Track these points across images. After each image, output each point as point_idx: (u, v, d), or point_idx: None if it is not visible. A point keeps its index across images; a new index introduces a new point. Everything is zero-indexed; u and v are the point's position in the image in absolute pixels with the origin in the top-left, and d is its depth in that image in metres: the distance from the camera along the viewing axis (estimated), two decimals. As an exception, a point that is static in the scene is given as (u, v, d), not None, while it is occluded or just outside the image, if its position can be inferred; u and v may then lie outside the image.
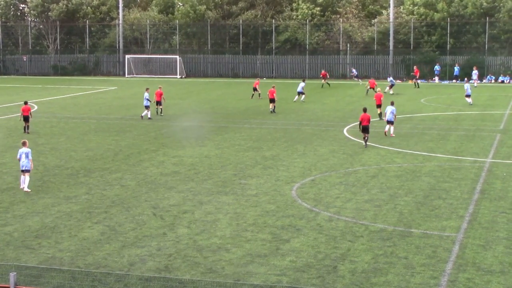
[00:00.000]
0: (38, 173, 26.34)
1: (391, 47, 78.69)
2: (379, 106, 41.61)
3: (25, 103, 37.96)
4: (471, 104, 49.17)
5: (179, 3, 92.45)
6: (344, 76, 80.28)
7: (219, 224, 19.39)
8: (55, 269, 15.16)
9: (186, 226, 19.18)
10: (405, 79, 76.38)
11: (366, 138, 32.15)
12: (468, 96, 49.94)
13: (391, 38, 78.54)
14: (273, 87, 47.81)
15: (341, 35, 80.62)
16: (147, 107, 42.72)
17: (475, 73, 69.35)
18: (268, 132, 36.93)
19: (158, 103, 44.44)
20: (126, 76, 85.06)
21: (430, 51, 77.49)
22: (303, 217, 20.12)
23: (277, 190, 23.54)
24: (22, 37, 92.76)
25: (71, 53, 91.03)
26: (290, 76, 79.58)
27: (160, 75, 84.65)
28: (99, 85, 71.89)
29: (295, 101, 51.99)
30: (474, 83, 68.43)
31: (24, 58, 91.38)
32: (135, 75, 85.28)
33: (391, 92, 57.88)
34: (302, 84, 53.04)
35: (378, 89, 47.76)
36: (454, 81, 73.62)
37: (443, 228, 18.93)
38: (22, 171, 23.66)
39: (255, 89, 55.48)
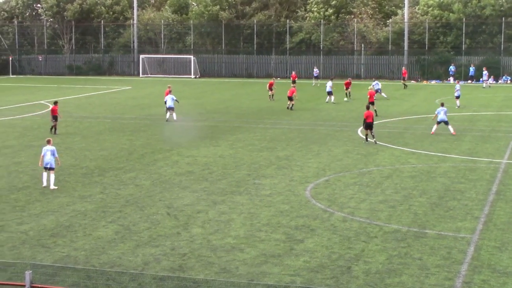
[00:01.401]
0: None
1: (405, 48, 78.46)
2: (372, 103, 41.26)
3: (55, 103, 37.21)
4: (458, 107, 48.05)
5: (193, 3, 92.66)
6: (358, 77, 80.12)
7: (233, 224, 19.40)
8: (70, 268, 15.21)
9: (200, 225, 19.20)
10: (419, 80, 76.11)
11: (373, 134, 32.74)
12: (457, 97, 48.75)
13: (405, 38, 78.31)
14: (294, 86, 49.39)
15: (355, 35, 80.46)
16: (171, 109, 41.77)
17: (485, 73, 68.86)
18: (282, 132, 36.92)
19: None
20: (141, 76, 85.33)
21: (445, 51, 77.16)
22: (317, 217, 20.10)
23: (291, 190, 23.52)
24: (38, 37, 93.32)
25: (86, 53, 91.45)
26: (304, 76, 79.44)
27: (174, 75, 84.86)
28: (114, 85, 72.14)
29: (327, 102, 51.80)
30: (484, 84, 68.03)
31: (40, 58, 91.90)
32: (149, 75, 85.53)
33: (384, 95, 56.71)
34: (329, 83, 52.73)
35: (370, 86, 47.60)
36: (469, 81, 73.26)
37: (458, 229, 18.84)
38: (46, 168, 23.87)
39: (270, 89, 55.55)
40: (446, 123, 35.78)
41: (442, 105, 36.64)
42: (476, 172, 26.46)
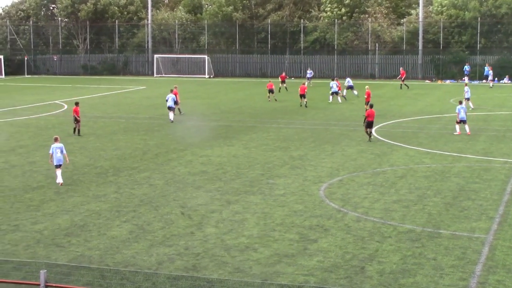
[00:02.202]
0: (67, 172, 26.58)
1: (420, 47, 78.18)
2: (367, 103, 41.10)
3: (76, 104, 36.92)
4: (472, 108, 46.97)
5: (207, 4, 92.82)
6: (372, 76, 79.94)
7: (246, 223, 19.41)
8: (84, 267, 15.27)
9: (213, 225, 19.22)
10: (434, 79, 75.84)
11: (370, 132, 33.65)
12: (467, 99, 47.14)
13: (420, 37, 78.03)
14: (304, 83, 50.91)
15: (369, 35, 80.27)
16: (171, 108, 41.92)
17: (490, 73, 68.20)
18: (296, 132, 36.89)
19: (175, 102, 44.10)
20: (155, 75, 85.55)
21: (459, 51, 76.80)
22: (331, 217, 20.07)
23: (305, 190, 23.50)
24: (53, 37, 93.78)
25: (101, 53, 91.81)
26: (318, 76, 79.36)
27: (188, 74, 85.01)
28: (128, 84, 72.37)
29: (330, 102, 51.74)
30: (490, 83, 67.52)
31: (55, 58, 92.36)
32: (163, 75, 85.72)
33: (355, 92, 56.72)
34: (335, 83, 52.62)
35: (367, 86, 47.51)
36: (484, 81, 72.91)
37: (472, 230, 18.75)
38: (57, 166, 24.27)
39: (283, 82, 56.32)
40: (464, 122, 35.72)
41: (461, 103, 36.52)
42: (490, 172, 26.33)
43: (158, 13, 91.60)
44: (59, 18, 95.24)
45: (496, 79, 72.90)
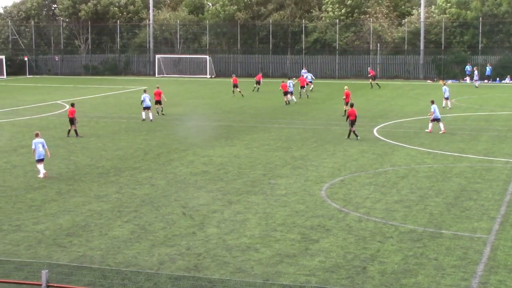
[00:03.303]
0: (69, 172, 26.63)
1: (421, 47, 78.14)
2: (347, 104, 41.04)
3: (72, 105, 36.84)
4: (444, 107, 47.17)
5: (209, 3, 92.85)
6: (374, 77, 79.84)
7: (248, 223, 19.41)
8: (86, 267, 15.29)
9: (215, 225, 19.23)
10: (436, 79, 75.81)
11: (354, 131, 34.09)
12: (446, 98, 47.99)
13: (421, 38, 77.97)
14: (283, 81, 52.27)
15: (371, 35, 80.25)
16: (148, 108, 41.96)
17: (476, 73, 67.96)
18: (297, 132, 36.89)
19: (158, 102, 44.59)
20: (156, 76, 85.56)
21: (461, 51, 76.75)
22: (333, 217, 20.07)
23: (307, 190, 23.50)
24: (54, 37, 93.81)
25: (102, 53, 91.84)
26: (320, 76, 79.32)
27: (190, 75, 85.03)
28: (130, 84, 72.39)
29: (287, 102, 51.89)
30: (475, 83, 67.41)
31: (56, 58, 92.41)
32: (165, 75, 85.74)
33: (311, 87, 59.88)
34: (291, 82, 53.14)
35: (346, 86, 47.57)
36: (486, 81, 72.87)
37: (474, 230, 18.75)
38: (39, 160, 25.52)
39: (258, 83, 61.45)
40: (439, 120, 36.42)
41: (433, 102, 37.13)
42: (492, 172, 26.31)
43: (160, 13, 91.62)
44: (61, 19, 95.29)
45: (498, 79, 72.88)
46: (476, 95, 58.80)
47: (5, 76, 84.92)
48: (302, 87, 56.33)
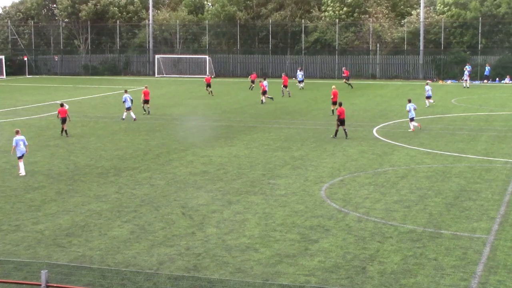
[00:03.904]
0: (68, 172, 26.62)
1: (421, 47, 78.17)
2: (334, 103, 41.06)
3: (61, 105, 37.20)
4: (427, 106, 48.50)
5: (208, 3, 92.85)
6: (373, 76, 79.94)
7: (247, 224, 19.41)
8: (85, 267, 15.29)
9: (214, 225, 19.22)
10: (435, 79, 75.84)
11: (345, 129, 34.57)
12: (428, 97, 49.18)
13: (421, 38, 78.01)
14: (260, 81, 53.64)
15: (370, 35, 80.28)
16: (129, 109, 42.37)
17: (466, 73, 67.86)
18: (297, 132, 36.89)
19: (147, 101, 45.58)
20: (156, 76, 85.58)
21: (461, 51, 76.79)
22: (332, 217, 20.07)
23: (306, 190, 23.50)
24: (54, 38, 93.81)
25: (102, 53, 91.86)
26: (319, 76, 79.36)
27: (189, 75, 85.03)
28: (129, 84, 72.30)
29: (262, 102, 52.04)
30: (464, 83, 67.38)
31: (56, 58, 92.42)
32: (164, 75, 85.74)
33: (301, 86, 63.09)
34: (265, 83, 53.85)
35: (334, 86, 47.66)
36: (485, 81, 72.92)
37: (473, 230, 18.75)
38: (20, 157, 26.16)
39: (253, 82, 62.87)
40: (412, 119, 36.99)
41: (410, 101, 37.66)
42: (492, 172, 26.32)
43: (159, 14, 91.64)
44: (60, 19, 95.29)
45: (497, 79, 72.90)
46: (476, 95, 58.82)
47: (4, 76, 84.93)
48: (285, 86, 57.99)
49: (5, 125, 40.78)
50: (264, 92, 52.40)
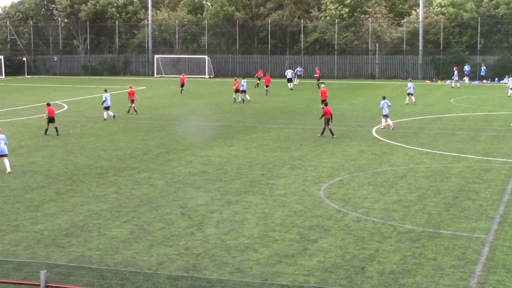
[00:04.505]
0: (68, 172, 26.62)
1: (420, 47, 78.18)
2: (323, 101, 41.01)
3: (48, 104, 37.33)
4: (407, 104, 50.34)
5: (208, 3, 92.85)
6: (373, 76, 79.95)
7: (247, 224, 19.41)
8: (84, 268, 15.28)
9: (214, 225, 19.22)
10: (434, 79, 75.86)
11: (330, 129, 34.89)
12: (410, 94, 50.93)
13: (420, 38, 78.02)
14: (235, 80, 54.81)
15: (370, 35, 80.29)
16: (107, 108, 42.65)
17: (456, 73, 67.87)
18: (296, 132, 36.90)
19: (132, 101, 46.11)
20: (155, 76, 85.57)
21: (460, 51, 76.81)
22: (331, 217, 20.07)
23: (305, 190, 23.51)
24: (53, 38, 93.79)
25: (101, 53, 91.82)
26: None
27: (188, 75, 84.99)
28: (128, 85, 72.18)
29: (240, 101, 52.92)
30: (452, 83, 67.43)
31: (55, 58, 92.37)
32: (164, 75, 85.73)
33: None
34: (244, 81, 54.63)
35: (323, 85, 47.81)
36: (484, 81, 72.94)
37: (472, 230, 18.76)
38: (1, 156, 26.52)
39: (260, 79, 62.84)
40: (387, 116, 37.60)
41: (384, 98, 38.31)
42: (491, 172, 26.33)
43: (158, 14, 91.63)
44: (59, 19, 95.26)
45: (496, 79, 72.91)
46: (475, 95, 58.85)
47: (3, 76, 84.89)
48: (267, 86, 59.56)
49: (5, 125, 40.74)
50: (236, 91, 53.15)
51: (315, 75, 70.65)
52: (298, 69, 75.35)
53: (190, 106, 51.43)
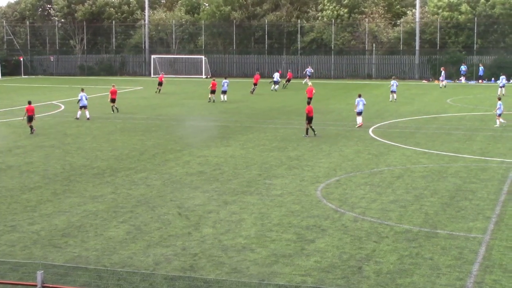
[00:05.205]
0: (64, 173, 26.59)
1: (417, 47, 78.26)
2: (310, 99, 41.06)
3: (29, 102, 37.89)
4: (391, 101, 52.22)
5: (205, 3, 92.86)
6: (369, 76, 80.00)
7: (244, 224, 19.41)
8: (81, 268, 15.27)
9: (211, 226, 19.22)
10: (431, 79, 75.94)
11: (312, 127, 35.36)
12: (393, 92, 52.73)
13: (417, 38, 78.12)
14: (214, 80, 55.49)
15: (366, 35, 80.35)
16: (85, 107, 42.73)
17: (442, 73, 67.98)
18: (293, 132, 36.90)
19: (113, 100, 46.41)
20: (152, 76, 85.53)
21: (456, 51, 76.89)
22: (328, 217, 20.08)
23: (302, 190, 23.51)
24: (49, 38, 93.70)
25: (98, 53, 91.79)
26: (315, 76, 79.32)
27: (185, 75, 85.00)
28: (125, 85, 72.30)
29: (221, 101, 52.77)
30: (439, 84, 67.61)
31: (51, 58, 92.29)
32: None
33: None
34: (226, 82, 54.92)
35: (310, 83, 48.04)
36: (480, 81, 73.03)
37: (469, 229, 18.78)
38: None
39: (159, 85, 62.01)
40: (360, 113, 38.33)
41: (360, 96, 38.97)
42: (487, 172, 26.36)
43: (155, 14, 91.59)
44: (56, 19, 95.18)
45: (493, 79, 73.00)
46: (471, 95, 58.93)
47: (0, 77, 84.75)
48: (255, 84, 61.03)
49: (1, 125, 40.72)
50: (212, 91, 53.24)
51: (288, 78, 69.06)
52: (308, 69, 75.05)
53: (187, 106, 51.40)
